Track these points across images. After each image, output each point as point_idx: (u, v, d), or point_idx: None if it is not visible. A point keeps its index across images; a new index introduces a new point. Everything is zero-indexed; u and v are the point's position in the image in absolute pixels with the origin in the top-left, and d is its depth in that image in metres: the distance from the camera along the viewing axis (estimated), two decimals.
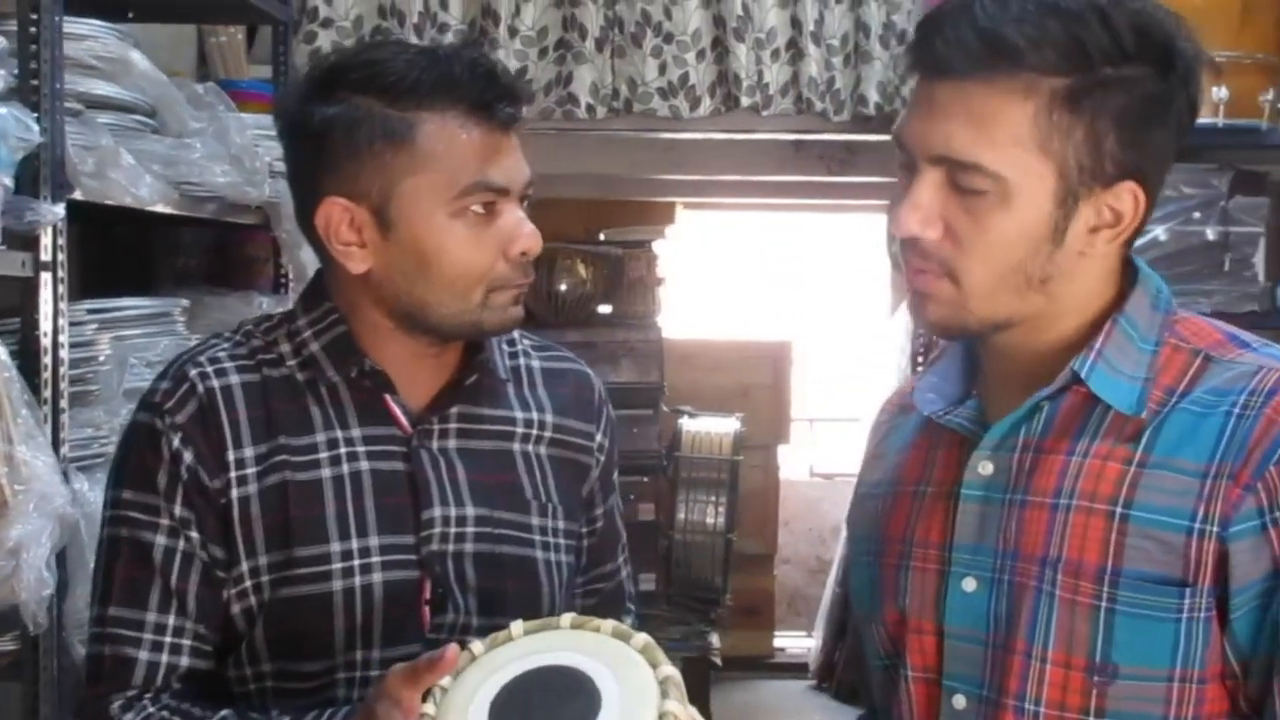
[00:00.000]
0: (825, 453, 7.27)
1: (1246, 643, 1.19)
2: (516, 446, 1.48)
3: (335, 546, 1.36)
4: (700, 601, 5.82)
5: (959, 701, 1.26)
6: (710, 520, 5.80)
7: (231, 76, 3.47)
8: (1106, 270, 1.27)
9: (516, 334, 1.54)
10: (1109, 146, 1.19)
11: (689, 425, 5.90)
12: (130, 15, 2.83)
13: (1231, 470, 1.17)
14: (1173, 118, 1.21)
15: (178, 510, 1.36)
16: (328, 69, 1.38)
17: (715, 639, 5.68)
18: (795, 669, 6.39)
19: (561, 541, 1.49)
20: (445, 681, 1.18)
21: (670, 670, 1.17)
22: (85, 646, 1.97)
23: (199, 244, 3.18)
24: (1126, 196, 1.21)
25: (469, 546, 1.41)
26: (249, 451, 1.38)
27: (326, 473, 1.38)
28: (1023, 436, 1.26)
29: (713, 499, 5.81)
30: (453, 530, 1.40)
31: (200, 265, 3.20)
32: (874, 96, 4.01)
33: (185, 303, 2.52)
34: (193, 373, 1.39)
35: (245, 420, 1.38)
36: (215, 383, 1.38)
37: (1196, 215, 3.16)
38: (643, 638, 1.20)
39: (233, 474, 1.37)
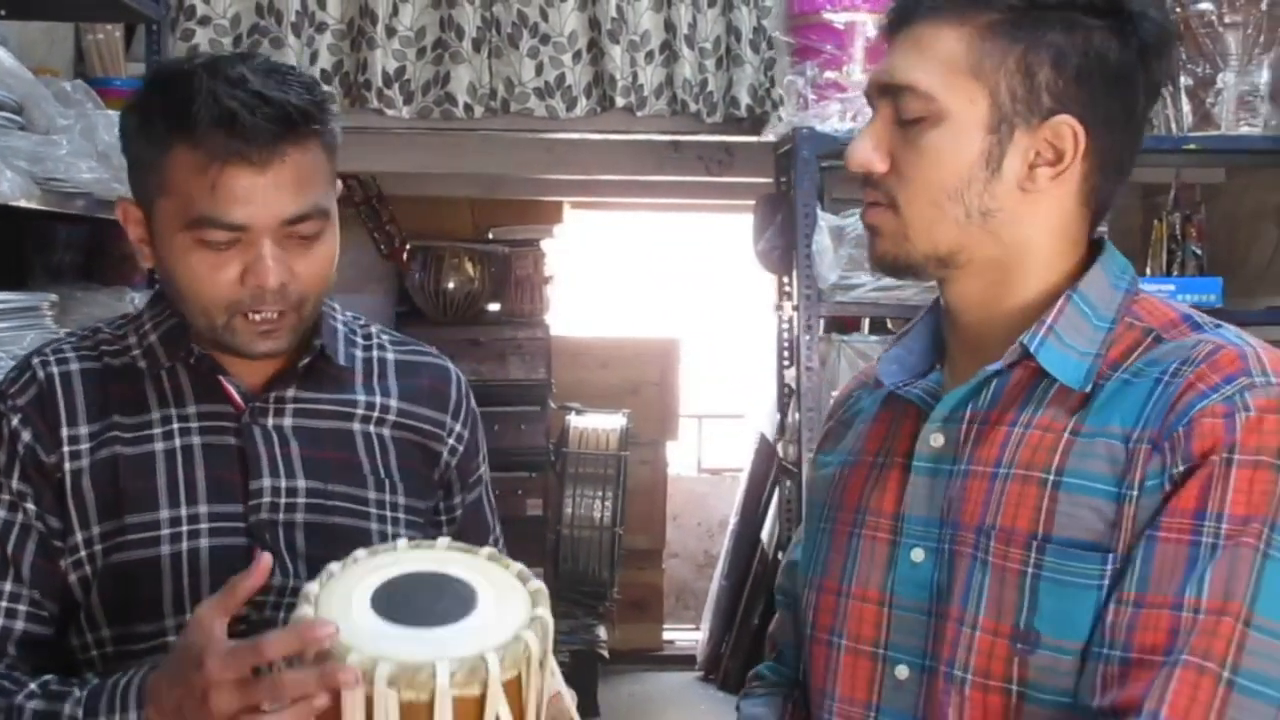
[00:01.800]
0: (713, 449, 7.37)
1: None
2: (357, 427, 1.54)
3: (164, 514, 1.44)
4: (588, 595, 5.89)
5: (902, 672, 1.27)
6: (598, 515, 5.87)
7: (109, 74, 3.45)
8: (1059, 224, 1.27)
9: (374, 329, 1.62)
10: (1043, 77, 1.22)
11: (576, 421, 5.96)
12: (3, 12, 2.84)
13: (1151, 435, 1.17)
14: (1126, 77, 1.23)
15: (15, 485, 1.44)
16: (145, 82, 1.47)
17: (603, 632, 5.75)
18: (683, 661, 6.48)
19: (401, 516, 1.54)
20: (332, 572, 1.24)
21: (539, 584, 1.24)
22: None
23: (74, 241, 3.17)
24: (1065, 131, 1.23)
25: (300, 516, 1.47)
26: (83, 429, 1.46)
27: (159, 446, 1.46)
28: (970, 409, 1.28)
29: (600, 494, 5.88)
30: (283, 500, 1.47)
31: (75, 261, 3.18)
32: (745, 99, 4.09)
33: (54, 297, 2.54)
34: (35, 361, 1.50)
35: (81, 401, 1.47)
36: (55, 369, 1.48)
37: None
38: (516, 565, 1.27)
39: (66, 449, 1.45)
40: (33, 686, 1.37)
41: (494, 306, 6.10)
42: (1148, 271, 3.97)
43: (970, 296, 1.30)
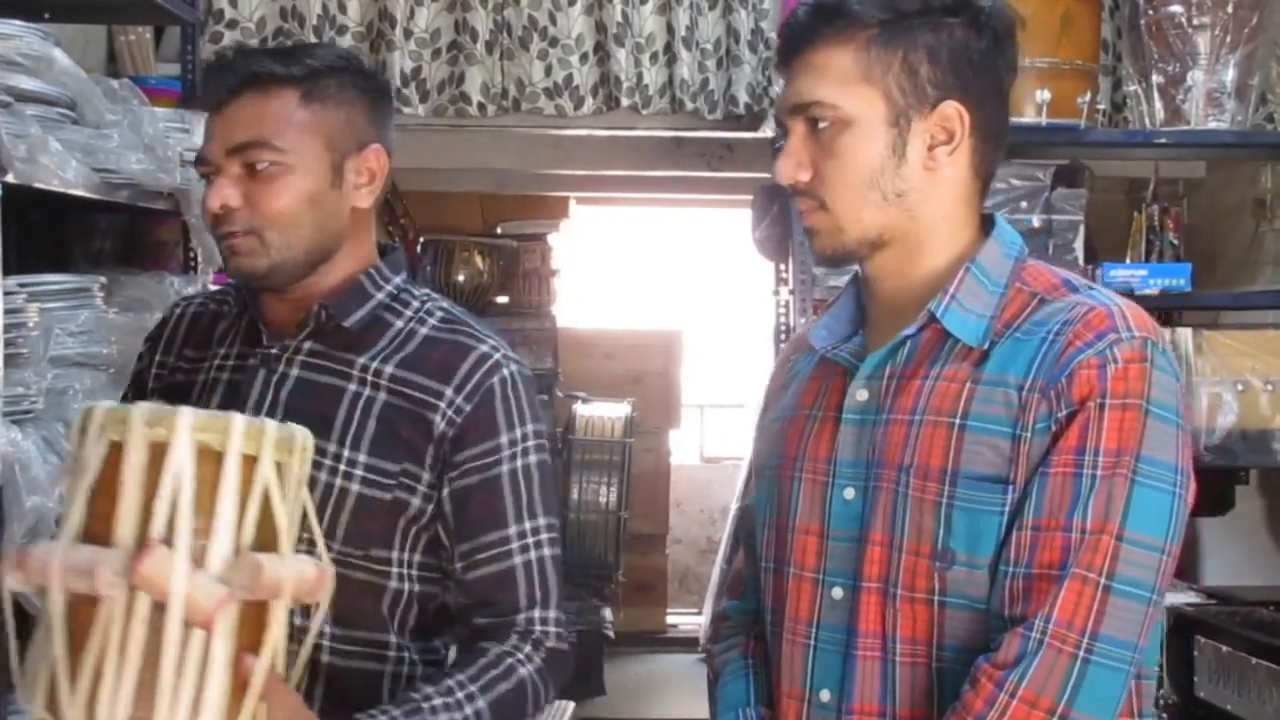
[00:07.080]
0: (714, 438, 7.52)
1: None
2: (352, 387, 1.68)
3: None
4: (594, 578, 6.03)
5: (836, 593, 1.46)
6: (603, 499, 6.01)
7: (141, 74, 3.59)
8: (960, 192, 1.47)
9: (434, 308, 1.73)
10: (924, 73, 1.43)
11: (582, 410, 6.12)
12: (46, 15, 2.99)
13: (1040, 385, 1.38)
14: (988, 60, 1.45)
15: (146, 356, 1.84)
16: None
17: (608, 613, 5.90)
18: (686, 643, 6.59)
19: (357, 473, 1.65)
20: None
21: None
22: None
23: (112, 229, 3.32)
24: (952, 113, 1.44)
25: None
26: (171, 358, 1.81)
27: (200, 378, 1.76)
28: (889, 367, 1.47)
29: (605, 479, 6.02)
30: None
31: (113, 249, 3.33)
32: (744, 97, 4.26)
33: (103, 280, 2.68)
34: (175, 304, 1.89)
35: (180, 336, 1.83)
36: (179, 311, 1.85)
37: (1023, 205, 3.46)
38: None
39: (160, 370, 1.82)
40: None
41: (502, 299, 6.27)
42: (1128, 259, 4.15)
43: (888, 265, 1.50)
